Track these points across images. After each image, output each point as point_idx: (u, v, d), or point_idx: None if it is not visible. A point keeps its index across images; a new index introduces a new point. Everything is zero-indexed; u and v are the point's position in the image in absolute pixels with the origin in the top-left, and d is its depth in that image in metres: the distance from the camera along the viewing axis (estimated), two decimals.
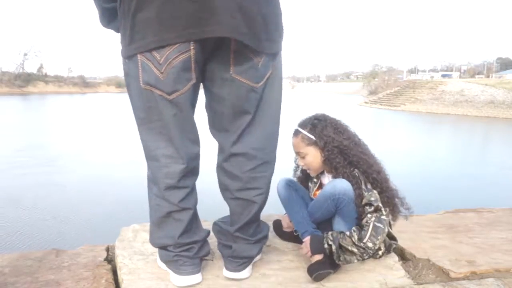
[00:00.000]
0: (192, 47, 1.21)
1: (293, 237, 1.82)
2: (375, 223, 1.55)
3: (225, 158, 1.46)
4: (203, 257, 1.52)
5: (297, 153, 1.74)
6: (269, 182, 1.50)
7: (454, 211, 2.44)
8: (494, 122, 30.82)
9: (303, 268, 1.59)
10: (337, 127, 1.67)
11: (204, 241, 1.53)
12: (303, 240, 1.65)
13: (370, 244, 1.53)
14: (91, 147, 14.82)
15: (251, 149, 1.42)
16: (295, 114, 1.83)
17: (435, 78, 64.02)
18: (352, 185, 1.59)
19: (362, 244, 1.53)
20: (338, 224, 1.63)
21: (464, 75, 75.90)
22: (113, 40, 1.35)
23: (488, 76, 64.66)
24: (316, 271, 1.50)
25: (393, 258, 1.71)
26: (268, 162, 1.48)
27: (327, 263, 1.54)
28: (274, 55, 1.37)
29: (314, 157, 1.68)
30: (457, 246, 1.88)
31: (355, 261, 1.57)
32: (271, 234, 1.92)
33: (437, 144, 19.86)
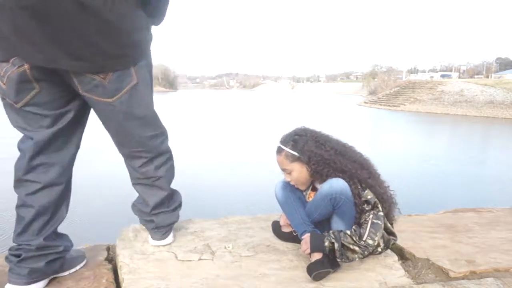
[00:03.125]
0: (26, 63, 1.26)
1: (292, 237, 1.82)
2: (373, 220, 1.57)
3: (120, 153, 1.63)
4: (35, 273, 1.38)
5: (283, 170, 1.75)
6: (168, 169, 1.67)
7: (454, 211, 2.45)
8: (493, 122, 30.83)
9: (302, 267, 1.59)
10: (318, 140, 1.69)
11: (42, 253, 1.39)
12: (302, 237, 1.66)
13: (370, 241, 1.55)
14: (92, 146, 14.83)
15: (132, 151, 1.57)
16: (294, 116, 1.83)
17: (434, 78, 64.04)
18: (350, 185, 1.60)
19: (362, 242, 1.55)
20: (336, 223, 1.64)
21: (463, 75, 75.93)
22: None
23: (487, 76, 64.71)
24: (316, 270, 1.51)
25: (393, 258, 1.71)
26: (157, 157, 1.62)
27: (327, 262, 1.54)
28: (134, 66, 1.41)
29: (300, 173, 1.70)
30: (457, 245, 1.88)
31: (357, 259, 1.58)
32: (271, 234, 1.93)
33: (437, 144, 19.87)
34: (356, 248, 1.54)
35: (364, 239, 1.55)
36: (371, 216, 1.57)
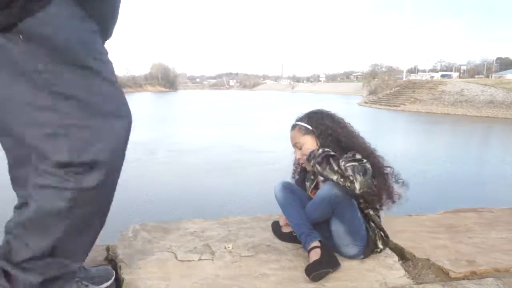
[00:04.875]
0: None
1: (292, 238, 1.82)
2: (356, 163, 1.53)
3: None
4: None
5: (294, 145, 1.78)
6: None
7: (454, 211, 2.45)
8: (493, 122, 30.84)
9: (302, 267, 1.59)
10: (333, 118, 1.76)
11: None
12: (307, 248, 1.64)
13: (349, 171, 1.50)
14: None
15: None
16: (294, 116, 1.85)
17: (434, 78, 64.05)
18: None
19: (342, 167, 1.51)
20: (336, 225, 1.64)
21: (463, 75, 75.89)
22: (113, 39, 1.35)
23: (487, 76, 64.66)
24: (314, 271, 1.50)
25: (393, 258, 1.71)
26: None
27: (325, 263, 1.54)
28: None
29: (311, 146, 1.72)
30: (457, 246, 1.88)
31: (334, 179, 1.54)
32: (271, 234, 1.93)
33: (437, 144, 19.87)
34: (335, 167, 1.52)
35: (347, 165, 1.51)
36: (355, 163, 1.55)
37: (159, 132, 22.67)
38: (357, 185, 1.50)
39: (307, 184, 1.84)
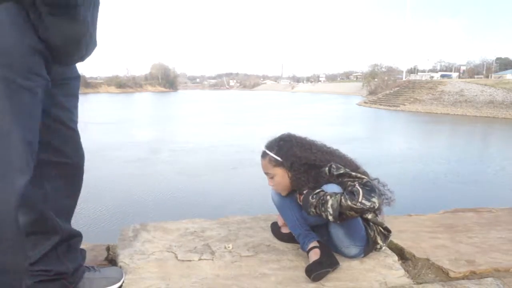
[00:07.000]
0: None
1: (292, 238, 1.82)
2: (360, 187, 1.51)
3: None
4: None
5: (266, 174, 1.77)
6: None
7: (454, 211, 2.45)
8: (493, 122, 30.86)
9: (302, 267, 1.59)
10: (303, 145, 1.71)
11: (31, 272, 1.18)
12: (306, 249, 1.65)
13: (367, 203, 1.48)
14: (94, 146, 14.82)
15: None
16: (294, 116, 1.84)
17: (434, 78, 64.05)
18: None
19: (359, 205, 1.48)
20: (334, 227, 1.64)
21: (463, 75, 75.85)
22: (113, 39, 1.34)
23: (487, 76, 64.63)
24: (314, 271, 1.51)
25: (393, 258, 1.72)
26: None
27: (325, 263, 1.54)
28: None
29: (282, 177, 1.72)
30: (457, 245, 1.89)
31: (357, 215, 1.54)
32: (271, 234, 1.93)
33: (437, 144, 19.87)
34: (353, 213, 1.51)
35: (360, 200, 1.48)
36: (356, 184, 1.52)
37: (160, 132, 22.67)
38: (376, 205, 1.50)
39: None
